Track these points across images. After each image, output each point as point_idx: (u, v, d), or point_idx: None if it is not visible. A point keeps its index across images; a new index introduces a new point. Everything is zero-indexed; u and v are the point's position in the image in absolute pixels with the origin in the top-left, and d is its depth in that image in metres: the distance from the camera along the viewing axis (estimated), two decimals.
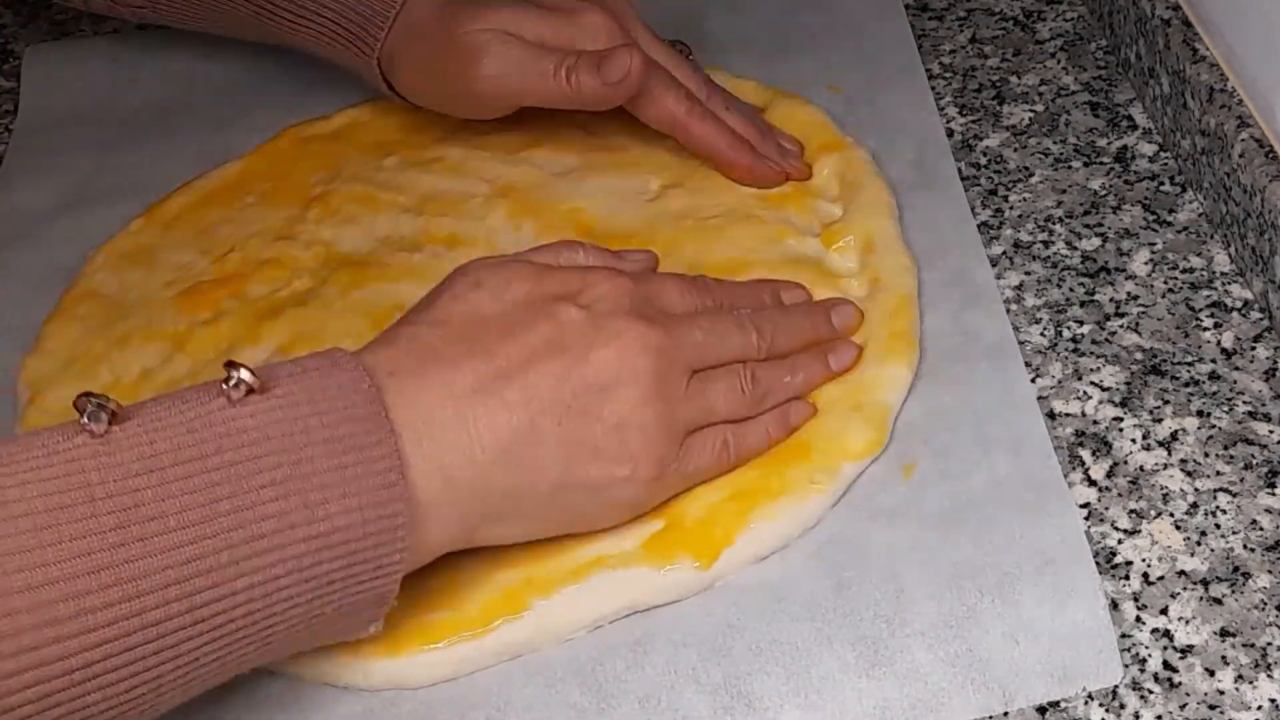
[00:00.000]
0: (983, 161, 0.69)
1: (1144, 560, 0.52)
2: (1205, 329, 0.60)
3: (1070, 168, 0.68)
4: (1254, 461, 0.55)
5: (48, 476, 0.41)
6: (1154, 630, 0.50)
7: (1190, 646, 0.49)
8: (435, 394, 0.48)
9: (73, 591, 0.40)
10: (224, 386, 0.44)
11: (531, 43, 0.63)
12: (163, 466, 0.42)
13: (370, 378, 0.47)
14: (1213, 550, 0.52)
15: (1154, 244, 0.64)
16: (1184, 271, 0.63)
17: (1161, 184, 0.67)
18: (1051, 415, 0.57)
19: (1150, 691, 0.48)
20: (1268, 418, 0.56)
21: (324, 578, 0.44)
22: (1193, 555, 0.52)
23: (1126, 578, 0.52)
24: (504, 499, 0.49)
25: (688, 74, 0.67)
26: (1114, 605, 0.51)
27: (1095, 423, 0.57)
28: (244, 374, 0.44)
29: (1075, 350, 0.60)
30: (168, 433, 0.43)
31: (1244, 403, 0.57)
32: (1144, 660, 0.49)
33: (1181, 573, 0.52)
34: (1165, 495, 0.54)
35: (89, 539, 0.40)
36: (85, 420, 0.42)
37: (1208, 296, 0.61)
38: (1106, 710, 0.48)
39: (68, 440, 0.42)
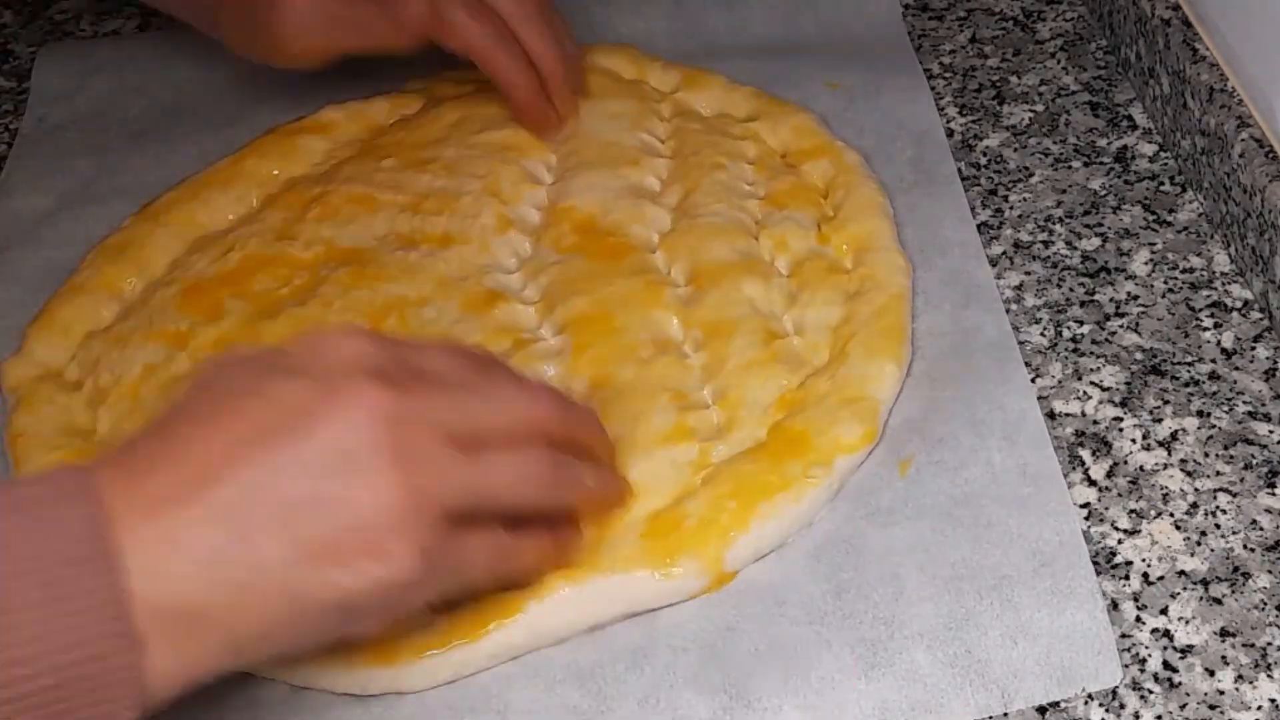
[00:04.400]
0: (983, 161, 0.69)
1: (1144, 560, 0.52)
2: (1205, 329, 0.60)
3: (1070, 168, 0.68)
4: (1254, 461, 0.55)
5: None
6: (1154, 630, 0.50)
7: (1190, 646, 0.49)
8: (147, 511, 0.40)
9: None
10: None
11: None
12: None
13: (98, 505, 0.40)
14: (1213, 550, 0.52)
15: (1154, 244, 0.64)
16: (1184, 271, 0.63)
17: (1161, 184, 0.67)
18: (1051, 415, 0.57)
19: (1150, 691, 0.48)
20: (1268, 418, 0.56)
21: None
22: (1193, 555, 0.52)
23: (1126, 578, 0.52)
24: (237, 620, 0.41)
25: None
26: (1114, 605, 0.51)
27: (1095, 423, 0.57)
28: None
29: (1075, 350, 0.60)
30: None
31: (1244, 403, 0.57)
32: (1144, 660, 0.49)
33: (1181, 573, 0.52)
34: (1165, 495, 0.54)
35: None
36: None
37: (1208, 296, 0.61)
38: (1106, 710, 0.48)
39: None
